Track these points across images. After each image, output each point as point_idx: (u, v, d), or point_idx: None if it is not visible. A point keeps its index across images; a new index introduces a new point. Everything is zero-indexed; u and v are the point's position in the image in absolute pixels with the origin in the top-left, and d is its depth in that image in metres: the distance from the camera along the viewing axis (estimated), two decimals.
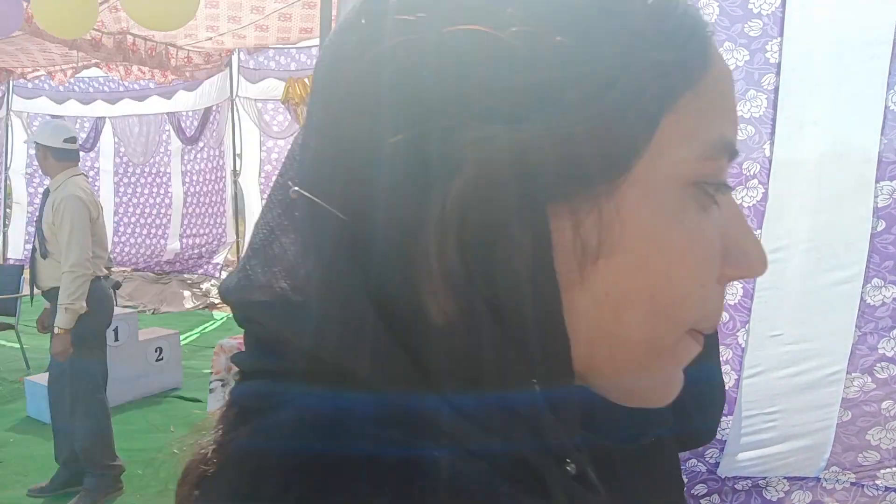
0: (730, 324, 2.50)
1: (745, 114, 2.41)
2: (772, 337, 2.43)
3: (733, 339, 2.50)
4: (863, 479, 2.43)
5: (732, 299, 2.49)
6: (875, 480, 2.42)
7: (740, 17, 2.37)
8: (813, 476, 2.45)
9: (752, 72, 2.38)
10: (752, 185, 2.43)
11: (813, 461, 2.45)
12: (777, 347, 2.42)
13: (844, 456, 2.44)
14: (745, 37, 2.37)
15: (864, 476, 2.43)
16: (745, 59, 2.38)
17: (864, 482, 2.43)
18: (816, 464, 2.45)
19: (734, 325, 2.50)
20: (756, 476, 2.47)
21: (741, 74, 2.39)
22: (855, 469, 2.43)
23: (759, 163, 2.40)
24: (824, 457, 2.44)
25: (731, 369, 2.50)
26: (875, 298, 2.35)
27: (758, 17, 2.36)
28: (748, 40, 2.37)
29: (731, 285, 2.48)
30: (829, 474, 2.45)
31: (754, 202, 2.43)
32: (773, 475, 2.47)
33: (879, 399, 2.39)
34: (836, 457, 2.44)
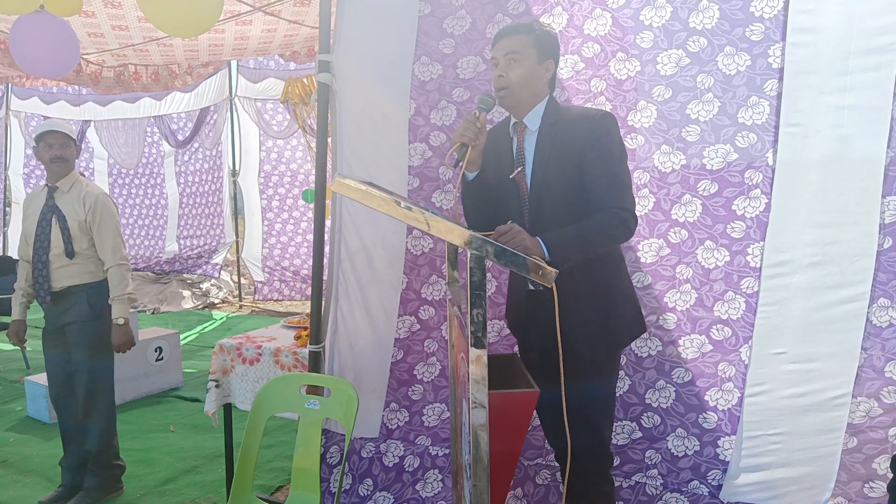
0: (732, 339, 2.43)
1: (747, 121, 2.34)
2: (775, 354, 2.36)
3: (736, 356, 2.43)
4: None
5: (735, 314, 2.42)
6: None
7: (742, 21, 2.32)
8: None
9: (753, 77, 2.32)
10: (754, 195, 2.36)
11: (818, 491, 2.36)
12: (781, 366, 2.35)
13: (850, 486, 2.35)
14: (746, 41, 2.32)
15: None
16: (747, 64, 2.32)
17: None
18: (821, 494, 2.36)
19: (737, 341, 2.43)
20: (759, 503, 2.40)
21: (742, 80, 2.34)
22: (862, 501, 2.34)
23: (761, 171, 2.34)
24: (829, 486, 2.35)
25: (735, 386, 2.44)
26: (881, 319, 2.26)
27: (759, 20, 2.30)
28: (750, 44, 2.32)
29: (733, 300, 2.42)
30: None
31: (757, 213, 2.36)
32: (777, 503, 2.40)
33: (886, 425, 2.30)
34: (841, 486, 2.35)
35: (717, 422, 2.47)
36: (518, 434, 1.79)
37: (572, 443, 1.74)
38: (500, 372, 2.02)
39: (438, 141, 2.67)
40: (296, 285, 8.57)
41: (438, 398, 2.77)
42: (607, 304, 2.03)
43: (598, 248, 1.94)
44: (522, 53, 1.99)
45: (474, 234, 1.44)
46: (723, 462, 2.45)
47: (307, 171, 8.34)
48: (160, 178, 9.40)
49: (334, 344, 2.72)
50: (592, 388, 2.01)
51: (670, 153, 2.46)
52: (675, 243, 2.49)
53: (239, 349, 2.97)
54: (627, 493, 2.53)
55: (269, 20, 5.15)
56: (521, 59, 1.99)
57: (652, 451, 2.55)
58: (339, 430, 2.79)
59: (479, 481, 1.48)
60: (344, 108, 2.62)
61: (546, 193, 2.01)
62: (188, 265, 9.18)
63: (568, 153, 1.98)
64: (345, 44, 2.60)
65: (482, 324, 1.43)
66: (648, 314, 2.50)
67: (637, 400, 2.58)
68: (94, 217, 3.05)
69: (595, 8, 2.48)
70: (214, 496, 3.20)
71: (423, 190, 2.70)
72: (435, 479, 2.72)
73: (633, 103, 2.48)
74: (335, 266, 2.70)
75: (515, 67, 1.99)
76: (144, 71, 6.26)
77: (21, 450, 3.84)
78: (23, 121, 9.39)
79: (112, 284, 3.06)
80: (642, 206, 2.51)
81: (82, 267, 3.06)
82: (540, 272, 1.46)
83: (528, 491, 2.68)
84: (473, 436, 1.46)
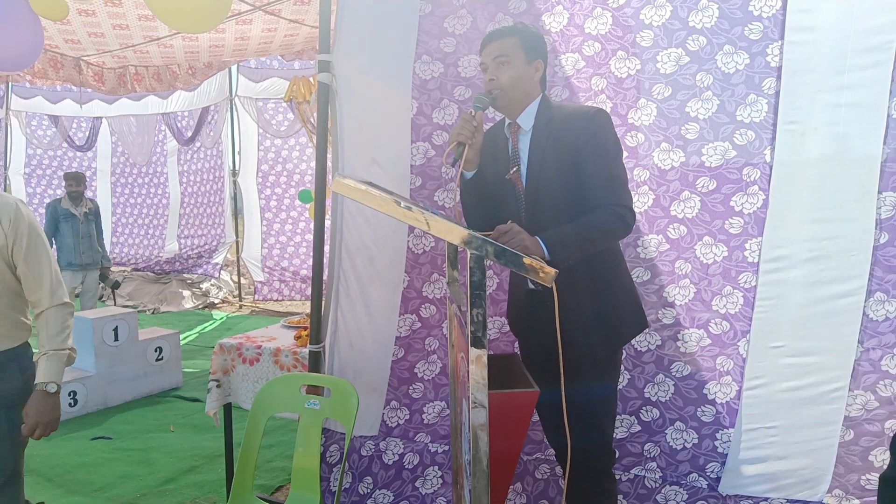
0: (730, 333, 2.46)
1: (746, 118, 2.37)
2: (773, 348, 2.39)
3: (734, 350, 2.46)
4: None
5: (733, 308, 2.45)
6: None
7: (740, 20, 2.34)
8: (816, 500, 2.39)
9: (752, 75, 2.35)
10: (752, 192, 2.39)
11: (815, 483, 2.39)
12: (778, 359, 2.38)
13: (847, 478, 2.38)
14: (745, 40, 2.35)
15: (868, 501, 2.35)
16: (746, 63, 2.35)
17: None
18: (819, 486, 2.39)
19: (735, 335, 2.46)
20: (758, 496, 2.42)
21: (741, 78, 2.36)
22: (859, 494, 2.37)
23: (759, 168, 2.37)
24: (826, 478, 2.38)
25: (733, 380, 2.46)
26: (878, 313, 2.30)
27: (758, 19, 2.32)
28: (748, 43, 2.34)
29: (731, 294, 2.45)
30: (832, 499, 2.39)
31: (755, 209, 2.39)
32: (774, 496, 2.41)
33: (883, 418, 2.33)
34: (838, 479, 2.38)
35: (716, 415, 2.49)
36: (518, 434, 1.79)
37: (575, 442, 1.75)
38: (500, 372, 2.03)
39: (441, 140, 2.69)
40: (295, 285, 8.58)
41: (439, 396, 2.77)
42: (607, 300, 2.05)
43: (598, 246, 1.94)
44: (511, 55, 2.02)
45: (474, 234, 1.44)
46: (721, 455, 2.47)
47: (303, 170, 8.34)
48: (163, 177, 9.42)
49: (334, 343, 2.72)
50: (594, 387, 2.02)
51: (670, 151, 2.48)
52: (674, 239, 2.52)
53: (239, 349, 2.97)
54: (626, 487, 2.55)
55: (269, 20, 5.15)
56: (510, 60, 2.02)
57: (651, 445, 2.58)
58: (338, 429, 2.80)
59: (479, 481, 1.48)
60: (345, 107, 2.63)
61: (542, 192, 2.02)
62: (188, 265, 9.19)
63: (563, 151, 1.99)
64: (345, 43, 2.60)
65: (482, 323, 1.44)
66: (648, 309, 2.52)
67: (636, 394, 2.60)
68: (19, 240, 2.01)
69: (596, 7, 2.50)
70: (214, 496, 3.21)
71: (426, 189, 2.71)
72: (434, 476, 2.73)
73: (633, 101, 2.50)
74: (336, 265, 2.70)
75: (506, 69, 2.02)
76: (146, 72, 6.27)
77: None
78: (23, 120, 9.40)
79: (47, 333, 2.03)
80: (642, 202, 2.53)
81: (5, 319, 2.04)
82: (540, 272, 1.46)
83: (527, 486, 2.69)
84: (473, 436, 1.47)
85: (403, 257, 2.72)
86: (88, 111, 9.17)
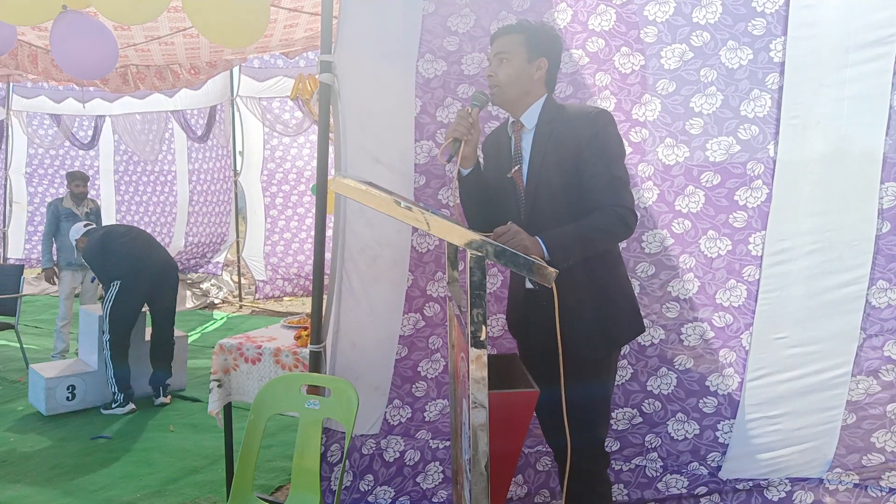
0: (734, 326, 2.48)
1: (749, 113, 2.39)
2: (776, 339, 2.41)
3: (737, 342, 2.48)
4: (867, 481, 2.41)
5: (736, 301, 2.47)
6: (879, 482, 2.40)
7: (744, 16, 2.36)
8: (816, 477, 2.44)
9: (755, 71, 2.37)
10: (756, 186, 2.41)
11: (816, 462, 2.44)
12: (781, 350, 2.40)
13: (848, 458, 2.42)
14: (748, 35, 2.37)
15: (868, 478, 2.41)
16: (749, 58, 2.37)
17: (867, 483, 2.41)
18: (820, 465, 2.43)
19: (738, 328, 2.47)
20: (758, 477, 2.46)
21: (745, 73, 2.38)
22: (859, 470, 2.42)
23: (763, 163, 2.39)
24: (827, 458, 2.42)
25: (735, 372, 2.48)
26: (880, 301, 2.34)
27: (762, 15, 2.35)
28: (752, 39, 2.36)
29: (735, 287, 2.47)
30: (833, 475, 2.43)
31: (758, 203, 2.41)
32: (774, 476, 2.46)
33: (885, 402, 2.37)
34: (839, 459, 2.42)
35: (717, 406, 2.52)
36: (518, 434, 1.78)
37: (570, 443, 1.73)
38: (500, 372, 2.02)
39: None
40: (299, 282, 8.57)
41: (441, 394, 2.77)
42: (605, 301, 2.04)
43: (598, 247, 1.93)
44: (511, 52, 2.01)
45: (474, 234, 1.43)
46: (722, 445, 2.50)
47: (314, 167, 8.32)
48: (171, 175, 9.36)
49: (336, 342, 2.71)
50: (590, 388, 2.01)
51: (674, 146, 2.49)
52: (679, 233, 2.53)
53: (239, 349, 2.96)
54: (628, 476, 2.58)
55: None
56: (510, 58, 2.01)
57: (652, 435, 2.60)
58: (339, 428, 2.79)
59: (478, 482, 1.47)
60: (347, 106, 2.61)
61: (542, 191, 2.01)
62: (190, 265, 9.17)
63: (565, 151, 1.98)
64: (348, 43, 2.59)
65: (482, 323, 1.42)
66: (652, 304, 2.55)
67: (639, 387, 2.61)
68: None
69: (599, 4, 2.50)
70: (214, 496, 3.19)
71: (430, 187, 2.70)
72: (436, 472, 2.73)
73: (637, 97, 2.51)
74: (338, 264, 2.69)
75: (504, 66, 2.02)
76: (147, 71, 6.25)
77: (21, 449, 3.83)
78: (24, 120, 9.41)
79: None
80: (646, 197, 2.54)
81: None
82: (540, 272, 1.45)
83: (528, 477, 2.71)
84: (473, 436, 1.45)
85: (407, 256, 2.71)
86: (91, 110, 9.18)
